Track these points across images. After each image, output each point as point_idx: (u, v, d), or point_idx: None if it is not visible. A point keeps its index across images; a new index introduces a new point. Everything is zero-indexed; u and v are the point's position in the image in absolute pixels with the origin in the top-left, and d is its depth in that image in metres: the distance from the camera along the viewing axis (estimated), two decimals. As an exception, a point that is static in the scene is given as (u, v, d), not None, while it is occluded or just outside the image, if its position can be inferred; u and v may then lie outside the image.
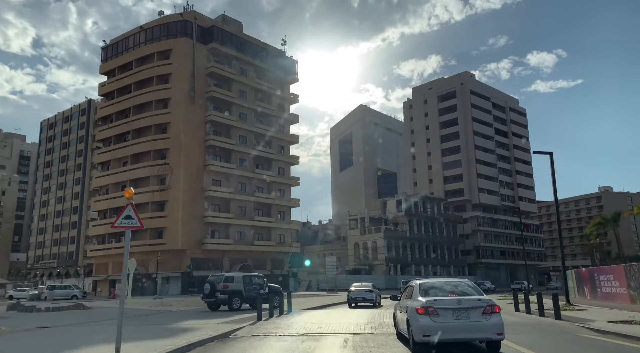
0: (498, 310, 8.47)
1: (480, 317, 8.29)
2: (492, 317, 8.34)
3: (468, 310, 8.33)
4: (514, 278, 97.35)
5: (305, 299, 33.58)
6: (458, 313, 8.29)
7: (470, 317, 8.29)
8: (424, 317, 8.29)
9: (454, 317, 8.27)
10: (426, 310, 8.31)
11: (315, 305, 25.45)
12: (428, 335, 8.17)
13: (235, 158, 56.42)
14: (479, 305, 8.39)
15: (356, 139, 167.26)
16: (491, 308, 8.37)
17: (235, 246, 54.23)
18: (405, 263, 76.00)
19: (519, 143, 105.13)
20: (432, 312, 8.27)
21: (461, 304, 8.39)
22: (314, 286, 62.98)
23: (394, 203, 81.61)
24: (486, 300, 8.51)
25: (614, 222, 59.60)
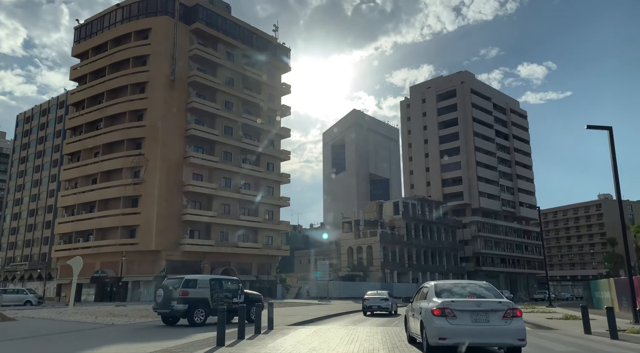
0: (520, 314, 7.99)
1: (500, 321, 7.79)
2: (514, 321, 7.84)
3: (488, 313, 7.84)
4: (514, 287, 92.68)
5: (294, 310, 28.29)
6: (477, 315, 7.81)
7: (490, 321, 7.80)
8: (440, 319, 7.80)
9: (473, 320, 7.78)
10: (442, 311, 7.83)
11: (305, 318, 20.21)
12: (444, 338, 7.68)
13: (219, 150, 51.17)
14: (500, 308, 7.89)
15: (349, 144, 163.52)
16: (512, 311, 7.89)
17: (217, 248, 48.81)
18: (402, 270, 70.91)
19: (520, 146, 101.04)
20: (449, 313, 7.79)
21: (480, 306, 7.89)
22: (303, 293, 57.63)
23: (390, 206, 76.67)
24: (507, 303, 8.02)
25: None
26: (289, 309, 29.15)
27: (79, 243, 48.51)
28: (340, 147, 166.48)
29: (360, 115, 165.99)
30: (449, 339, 7.65)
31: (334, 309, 29.30)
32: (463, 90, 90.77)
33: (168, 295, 15.26)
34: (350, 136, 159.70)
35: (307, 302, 44.32)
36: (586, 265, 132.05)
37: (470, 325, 7.73)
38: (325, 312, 25.79)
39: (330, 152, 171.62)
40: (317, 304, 39.20)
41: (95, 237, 47.32)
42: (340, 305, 38.22)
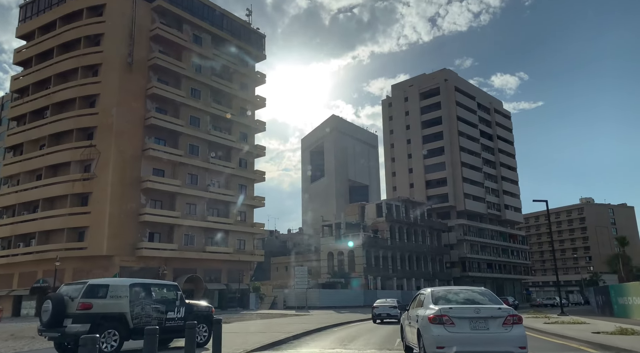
0: (521, 321, 7.63)
1: (500, 328, 7.42)
2: (514, 328, 7.45)
3: (487, 319, 7.48)
4: (501, 293, 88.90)
5: (265, 324, 22.96)
6: (476, 323, 7.45)
7: (489, 328, 7.44)
8: (438, 327, 7.43)
9: (472, 327, 7.42)
10: (440, 318, 7.46)
11: (277, 337, 14.98)
12: (442, 346, 7.32)
13: (184, 143, 45.57)
14: (500, 315, 7.53)
15: (328, 150, 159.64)
16: (513, 318, 7.50)
17: (181, 252, 43.02)
18: (386, 276, 66.11)
19: (505, 147, 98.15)
20: (446, 321, 7.43)
21: (479, 313, 7.53)
22: (280, 303, 52.15)
23: (373, 208, 72.02)
24: (507, 310, 7.67)
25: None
26: (259, 323, 23.77)
27: (18, 249, 42.03)
28: (319, 154, 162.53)
29: (339, 120, 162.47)
30: (448, 348, 7.30)
31: (314, 322, 24.13)
32: (447, 88, 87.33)
33: (59, 310, 9.87)
34: (329, 142, 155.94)
35: (283, 313, 38.95)
36: (569, 270, 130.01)
37: (470, 333, 7.41)
38: (302, 326, 20.59)
39: (309, 158, 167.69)
40: (294, 316, 33.89)
41: (38, 240, 40.97)
42: (320, 316, 32.98)
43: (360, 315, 34.48)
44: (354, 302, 55.24)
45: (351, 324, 24.45)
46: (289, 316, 33.47)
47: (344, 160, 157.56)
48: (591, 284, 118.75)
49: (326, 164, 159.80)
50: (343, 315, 34.88)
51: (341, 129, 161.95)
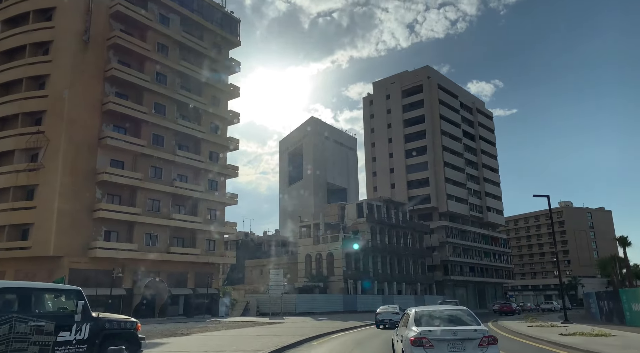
0: (495, 342, 8.09)
1: (476, 349, 7.83)
2: (489, 349, 7.91)
3: (464, 341, 7.88)
4: (482, 298, 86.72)
5: (229, 337, 19.01)
6: (453, 344, 7.83)
7: (466, 349, 7.84)
8: (418, 349, 7.82)
9: (449, 349, 7.80)
10: (420, 341, 7.84)
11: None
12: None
13: (147, 132, 41.15)
14: (475, 336, 7.93)
15: (306, 152, 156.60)
16: (488, 339, 7.94)
17: (141, 254, 38.53)
18: (366, 280, 62.59)
19: (487, 148, 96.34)
20: (426, 343, 7.81)
21: (456, 335, 7.93)
22: (252, 309, 48.03)
23: (353, 208, 68.59)
24: (482, 331, 8.06)
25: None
26: (222, 336, 19.78)
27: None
28: (297, 156, 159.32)
29: (318, 123, 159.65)
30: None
31: (289, 333, 20.31)
32: (430, 85, 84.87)
33: None
34: (308, 144, 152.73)
35: (255, 320, 34.94)
36: (548, 274, 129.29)
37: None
38: (274, 340, 16.74)
39: (286, 161, 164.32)
40: (266, 324, 29.97)
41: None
42: (297, 325, 29.15)
43: (341, 323, 30.78)
44: (333, 307, 51.55)
45: (333, 335, 20.73)
46: (261, 325, 29.54)
47: (322, 162, 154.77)
48: (570, 288, 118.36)
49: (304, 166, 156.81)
50: (322, 323, 31.13)
51: (320, 131, 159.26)
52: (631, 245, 49.54)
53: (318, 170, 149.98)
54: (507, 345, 15.83)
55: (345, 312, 52.19)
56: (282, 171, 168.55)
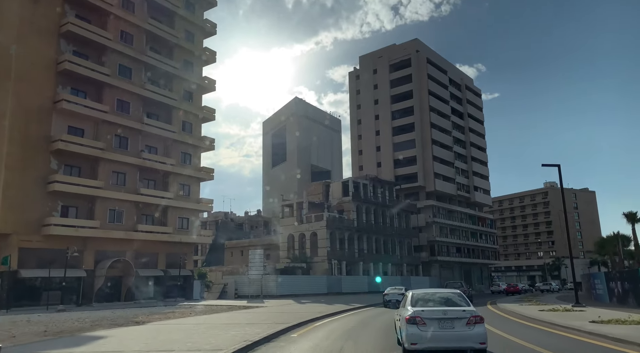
0: (482, 321, 8.72)
1: (464, 327, 8.56)
2: (476, 327, 8.59)
3: (453, 320, 8.62)
4: (468, 279, 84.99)
5: (189, 328, 15.56)
6: (443, 323, 8.60)
7: (455, 327, 8.58)
8: (412, 326, 8.62)
9: (440, 327, 8.57)
10: (414, 319, 8.64)
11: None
12: (415, 343, 8.52)
13: (110, 97, 36.89)
14: (464, 316, 8.66)
15: (290, 133, 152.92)
16: (475, 318, 8.63)
17: (105, 232, 34.71)
18: (351, 261, 59.87)
19: (475, 126, 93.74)
20: (419, 321, 8.60)
21: (446, 315, 8.69)
22: (230, 291, 44.80)
23: (339, 187, 65.35)
24: (470, 311, 8.80)
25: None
26: (183, 326, 16.36)
27: None
28: (281, 137, 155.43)
29: (303, 103, 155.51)
30: (420, 344, 8.49)
31: (266, 320, 17.04)
32: (418, 59, 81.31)
33: None
34: (291, 125, 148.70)
35: (232, 304, 31.70)
36: (531, 255, 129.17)
37: (438, 331, 8.51)
38: (246, 331, 13.40)
39: (270, 142, 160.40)
40: (243, 308, 26.73)
41: None
42: (277, 308, 25.99)
43: (326, 306, 27.72)
44: (316, 289, 48.65)
45: (317, 323, 17.53)
46: (236, 309, 26.29)
47: (306, 144, 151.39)
48: (554, 269, 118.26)
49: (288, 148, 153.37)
50: (305, 307, 28.02)
51: (304, 113, 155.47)
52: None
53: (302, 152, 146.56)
54: (536, 336, 12.83)
55: (329, 294, 49.39)
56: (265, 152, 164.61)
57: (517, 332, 13.72)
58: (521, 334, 13.06)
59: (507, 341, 11.73)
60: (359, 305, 28.58)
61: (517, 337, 12.34)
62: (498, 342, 11.22)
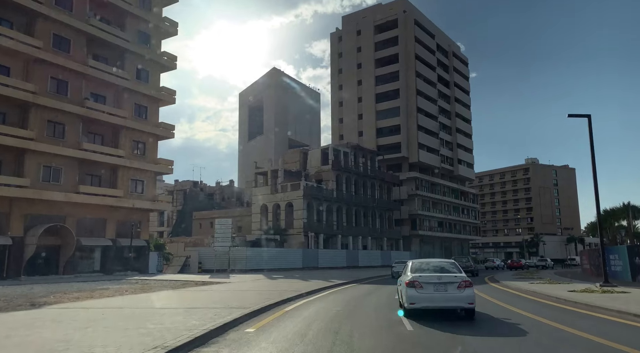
0: (471, 285, 10.07)
1: (456, 290, 9.86)
2: (466, 290, 9.87)
3: (446, 284, 9.93)
4: (448, 255, 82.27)
5: (103, 317, 10.38)
6: (438, 286, 9.91)
7: (447, 290, 9.89)
8: (411, 289, 9.96)
9: (435, 290, 9.89)
10: (413, 283, 9.98)
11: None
12: (414, 303, 9.87)
13: (45, 31, 30.46)
14: (455, 281, 9.98)
15: (267, 105, 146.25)
16: (465, 283, 9.95)
17: (37, 192, 28.90)
18: (330, 233, 55.45)
19: (461, 96, 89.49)
20: (417, 285, 9.94)
21: (441, 279, 10.03)
22: (193, 265, 39.72)
23: (317, 155, 60.32)
24: (461, 277, 10.16)
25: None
26: (97, 311, 11.18)
27: None
28: (258, 109, 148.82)
29: (281, 74, 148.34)
30: (418, 304, 9.86)
31: (221, 300, 12.12)
32: (405, 21, 75.79)
33: None
34: (269, 97, 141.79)
35: (190, 279, 26.66)
36: (510, 232, 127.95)
37: (433, 293, 9.86)
38: (186, 321, 8.40)
39: (247, 114, 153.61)
40: (199, 285, 21.77)
41: None
42: (242, 285, 21.13)
43: (300, 282, 23.05)
44: (291, 263, 44.08)
45: (287, 306, 12.63)
46: (191, 286, 21.36)
47: (284, 116, 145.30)
48: (532, 246, 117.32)
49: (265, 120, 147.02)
50: (275, 283, 23.25)
51: (283, 84, 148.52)
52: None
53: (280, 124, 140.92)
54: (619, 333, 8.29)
55: (305, 268, 44.94)
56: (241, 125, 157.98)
57: (588, 327, 9.21)
58: (603, 332, 8.53)
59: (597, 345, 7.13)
60: (339, 281, 24.02)
61: (601, 337, 7.77)
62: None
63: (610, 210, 40.01)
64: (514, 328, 8.91)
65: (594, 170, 19.49)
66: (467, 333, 8.19)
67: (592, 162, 19.39)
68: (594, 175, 19.51)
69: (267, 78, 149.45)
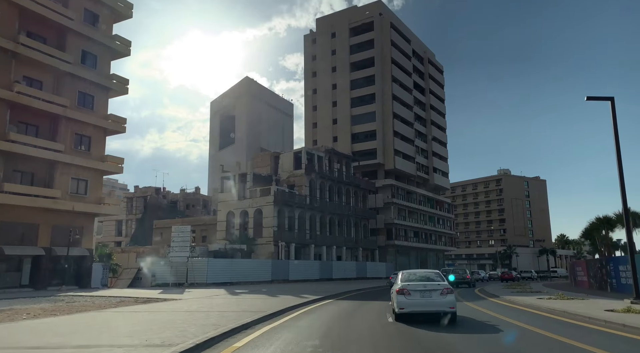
0: (452, 292, 11.60)
1: (439, 296, 11.38)
2: (448, 296, 11.41)
3: (431, 291, 11.47)
4: (424, 266, 79.29)
5: None
6: (424, 293, 11.46)
7: (432, 296, 11.42)
8: (401, 296, 11.50)
9: (421, 296, 11.43)
10: (402, 291, 11.51)
11: None
12: (403, 308, 11.37)
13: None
14: (439, 288, 11.52)
15: (239, 114, 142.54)
16: (447, 290, 11.49)
17: (-53, 191, 23.68)
18: (302, 242, 51.32)
19: (436, 104, 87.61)
20: (406, 292, 11.47)
21: (426, 287, 11.59)
22: (146, 278, 34.81)
23: (290, 158, 56.35)
24: (444, 285, 11.70)
25: None
26: None
27: None
28: (230, 119, 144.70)
29: (254, 84, 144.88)
30: (406, 308, 11.36)
31: (144, 331, 7.90)
32: (382, 24, 73.31)
33: None
34: (241, 105, 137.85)
35: (132, 295, 22.02)
36: (482, 243, 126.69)
37: (420, 299, 11.40)
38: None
39: (218, 123, 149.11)
40: (142, 303, 17.28)
41: None
42: (189, 305, 16.71)
43: (267, 299, 18.89)
44: (258, 275, 39.61)
45: (247, 333, 8.48)
46: (130, 303, 16.97)
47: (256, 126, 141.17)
48: (505, 258, 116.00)
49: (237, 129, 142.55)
50: (236, 300, 18.99)
51: (255, 93, 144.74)
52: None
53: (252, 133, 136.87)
54: None
55: (274, 281, 40.59)
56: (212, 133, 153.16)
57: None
58: None
59: None
60: (312, 297, 20.05)
61: None
62: None
63: (603, 218, 37.47)
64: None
65: (618, 158, 16.30)
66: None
67: (617, 148, 16.25)
68: (618, 163, 16.30)
69: (239, 87, 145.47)
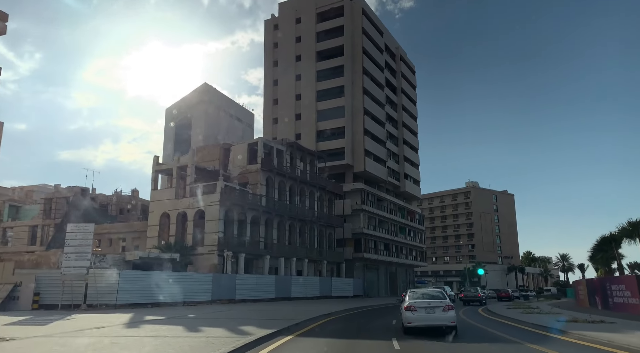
0: (452, 308, 13.98)
1: (442, 312, 13.76)
2: (449, 312, 13.78)
3: (434, 308, 13.82)
4: (393, 284, 70.92)
5: None
6: (428, 310, 13.83)
7: (435, 312, 13.77)
8: (408, 312, 13.94)
9: (426, 312, 13.81)
10: (409, 307, 13.94)
11: None
12: (410, 322, 13.82)
13: None
14: (441, 305, 13.86)
15: (197, 121, 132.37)
16: (449, 307, 13.84)
17: None
18: (254, 252, 41.59)
19: (408, 105, 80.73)
20: (412, 308, 13.90)
21: (430, 304, 13.97)
22: (26, 296, 24.13)
23: (244, 150, 46.97)
24: (446, 302, 14.06)
25: None
26: None
27: None
28: (186, 127, 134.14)
29: (212, 90, 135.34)
30: (413, 323, 13.79)
31: None
32: (352, 9, 65.83)
33: None
34: (199, 112, 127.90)
35: None
36: (450, 260, 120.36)
37: (425, 315, 13.79)
38: None
39: (173, 132, 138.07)
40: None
41: None
42: (47, 349, 6.94)
43: (186, 334, 9.24)
44: (193, 294, 29.56)
45: None
46: None
47: (214, 135, 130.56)
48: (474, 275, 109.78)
49: (193, 137, 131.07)
50: (134, 337, 9.25)
51: (213, 100, 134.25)
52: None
53: (209, 142, 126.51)
54: None
55: (215, 301, 30.76)
56: (166, 141, 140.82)
57: None
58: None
59: None
60: (262, 331, 10.95)
61: None
62: None
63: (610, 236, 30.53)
64: None
65: None
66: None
67: None
68: None
69: (197, 94, 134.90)
